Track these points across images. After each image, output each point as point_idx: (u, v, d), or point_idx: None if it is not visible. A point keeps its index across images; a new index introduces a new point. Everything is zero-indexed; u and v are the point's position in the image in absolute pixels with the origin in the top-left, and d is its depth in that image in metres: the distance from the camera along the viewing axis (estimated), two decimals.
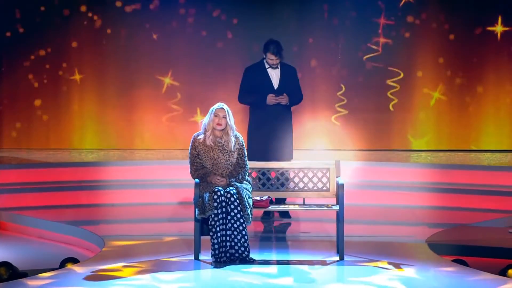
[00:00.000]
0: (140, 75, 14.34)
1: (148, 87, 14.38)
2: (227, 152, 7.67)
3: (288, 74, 9.41)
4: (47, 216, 9.78)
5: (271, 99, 9.29)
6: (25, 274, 7.19)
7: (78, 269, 7.20)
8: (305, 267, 7.33)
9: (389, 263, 7.44)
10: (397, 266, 7.36)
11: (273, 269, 7.26)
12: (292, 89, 9.40)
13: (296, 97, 9.48)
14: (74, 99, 14.40)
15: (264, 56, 9.40)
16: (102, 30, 14.31)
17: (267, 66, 9.40)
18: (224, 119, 7.65)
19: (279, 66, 9.38)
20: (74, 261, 7.58)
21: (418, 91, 14.40)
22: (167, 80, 14.33)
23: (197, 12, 14.28)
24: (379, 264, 7.44)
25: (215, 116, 7.66)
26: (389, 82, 14.36)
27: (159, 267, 7.29)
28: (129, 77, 14.35)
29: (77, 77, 14.32)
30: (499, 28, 14.19)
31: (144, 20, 14.27)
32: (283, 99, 9.32)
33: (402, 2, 14.24)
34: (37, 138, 14.37)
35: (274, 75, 9.39)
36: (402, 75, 14.35)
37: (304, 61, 14.12)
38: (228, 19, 14.28)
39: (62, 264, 7.52)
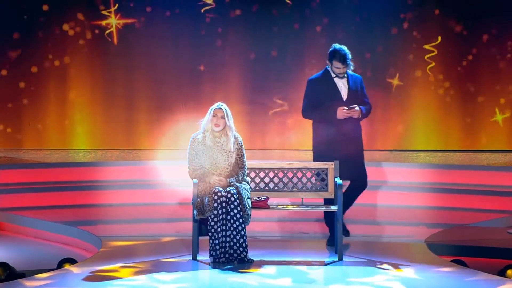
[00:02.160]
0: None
1: (147, 86, 14.38)
2: (226, 152, 7.68)
3: (355, 83, 8.43)
4: (45, 216, 9.78)
5: (342, 112, 8.24)
6: (22, 275, 7.19)
7: (75, 269, 7.20)
8: (303, 268, 7.34)
9: (388, 264, 7.45)
10: (396, 266, 7.37)
11: (271, 269, 7.26)
12: (362, 99, 8.44)
13: (366, 109, 8.47)
14: (72, 97, 14.40)
15: (329, 64, 8.38)
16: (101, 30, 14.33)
17: (333, 75, 8.38)
18: (223, 119, 7.65)
19: (346, 75, 8.38)
20: (72, 261, 7.58)
21: (418, 90, 14.41)
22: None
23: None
24: (378, 264, 7.45)
25: (213, 116, 7.67)
26: (388, 79, 14.37)
27: (157, 267, 7.30)
28: (127, 77, 14.37)
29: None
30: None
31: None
32: (355, 112, 8.30)
33: None
34: (34, 138, 14.36)
35: (342, 85, 8.37)
36: (397, 75, 14.35)
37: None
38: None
39: (60, 265, 7.53)
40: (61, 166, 11.80)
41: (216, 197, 7.40)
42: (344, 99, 8.31)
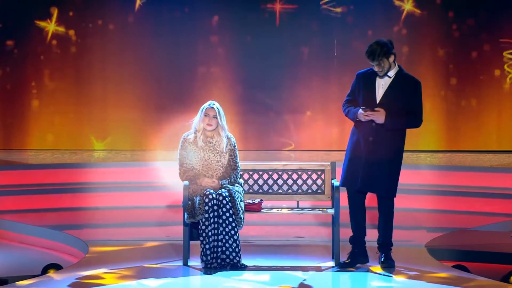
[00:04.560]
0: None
1: (137, 84, 14.38)
2: (218, 153, 7.66)
3: (401, 85, 7.47)
4: (28, 220, 9.76)
5: (361, 114, 7.45)
6: (5, 281, 7.17)
7: (61, 275, 7.19)
8: (299, 273, 7.33)
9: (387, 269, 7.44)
10: (396, 272, 7.36)
11: (265, 275, 7.26)
12: (403, 106, 7.45)
13: (404, 117, 7.45)
14: (54, 98, 14.38)
15: None
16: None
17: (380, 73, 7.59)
18: (215, 119, 7.64)
19: (392, 76, 7.50)
20: (57, 267, 7.57)
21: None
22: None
23: None
24: (376, 269, 7.44)
25: (205, 116, 7.65)
26: None
27: (146, 273, 7.28)
28: (113, 76, 14.38)
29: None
30: None
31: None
32: (377, 116, 7.39)
33: None
34: (17, 139, 14.35)
35: (381, 85, 7.53)
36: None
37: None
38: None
39: (44, 271, 7.51)
40: (45, 167, 11.78)
41: (207, 200, 7.38)
42: (378, 101, 7.47)
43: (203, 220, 7.39)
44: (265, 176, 7.97)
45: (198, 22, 14.39)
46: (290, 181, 7.98)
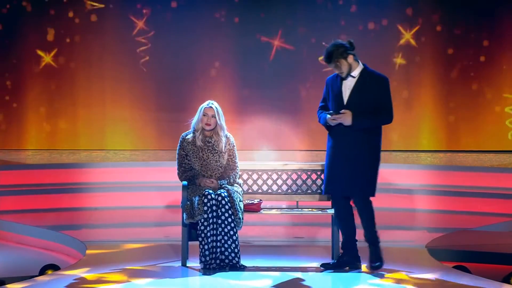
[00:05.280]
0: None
1: (134, 84, 14.39)
2: (217, 152, 7.67)
3: (367, 84, 7.37)
4: (26, 221, 9.76)
5: (328, 119, 7.38)
6: (2, 282, 7.17)
7: (59, 276, 7.19)
8: (298, 274, 7.33)
9: (387, 270, 7.45)
10: (396, 272, 7.37)
11: (265, 276, 7.26)
12: (371, 104, 7.34)
13: (372, 115, 7.34)
14: (52, 98, 14.39)
15: None
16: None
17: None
18: (214, 118, 7.64)
19: (356, 75, 7.40)
20: (55, 268, 7.57)
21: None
22: None
23: None
24: (377, 270, 7.44)
25: (204, 115, 7.65)
26: None
27: (144, 274, 7.28)
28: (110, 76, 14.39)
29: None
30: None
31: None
32: (343, 118, 7.31)
33: None
34: (15, 138, 14.35)
35: (348, 86, 7.43)
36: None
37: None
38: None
39: (42, 271, 7.51)
40: (43, 167, 11.78)
41: (206, 200, 7.39)
42: (345, 102, 7.38)
43: (202, 220, 7.39)
44: (265, 176, 7.97)
45: (199, 20, 14.41)
46: (289, 181, 7.99)
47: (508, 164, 12.27)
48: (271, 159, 12.43)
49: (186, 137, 7.72)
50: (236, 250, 7.40)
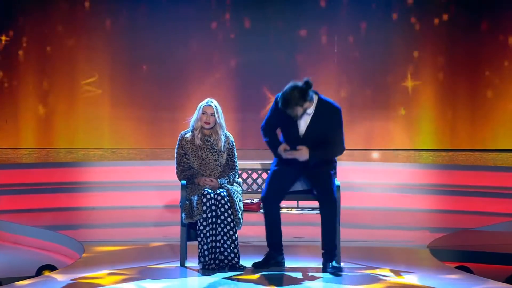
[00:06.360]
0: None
1: (131, 83, 14.40)
2: (216, 151, 7.67)
3: (323, 115, 7.37)
4: (23, 220, 9.76)
5: (282, 152, 7.42)
6: None
7: (55, 277, 7.19)
8: (298, 275, 7.34)
9: (388, 270, 7.46)
10: (397, 273, 7.38)
11: (264, 277, 7.26)
12: (326, 136, 7.37)
13: (327, 148, 7.38)
14: (49, 96, 14.39)
15: None
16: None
17: None
18: (213, 117, 7.64)
19: (312, 112, 7.37)
20: (52, 268, 7.57)
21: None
22: None
23: None
24: (378, 271, 7.45)
25: (203, 114, 7.65)
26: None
27: (143, 274, 7.29)
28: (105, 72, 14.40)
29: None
30: None
31: None
32: (299, 155, 7.35)
33: None
34: (11, 137, 14.35)
35: (304, 119, 7.41)
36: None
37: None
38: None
39: (39, 272, 7.52)
40: (40, 166, 11.78)
41: (205, 200, 7.39)
42: (302, 136, 7.39)
43: (201, 220, 7.39)
44: (264, 176, 7.97)
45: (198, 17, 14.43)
46: None
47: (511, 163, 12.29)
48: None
49: (185, 136, 7.73)
50: (235, 251, 7.40)
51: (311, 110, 7.39)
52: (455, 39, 14.37)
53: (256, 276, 7.26)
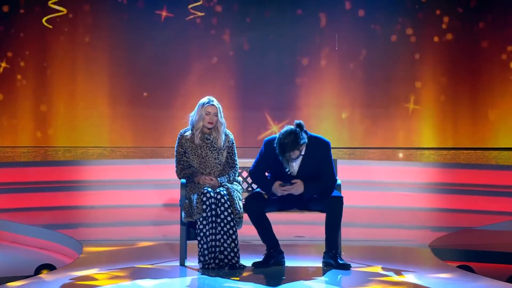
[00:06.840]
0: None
1: (130, 81, 14.40)
2: (216, 150, 7.66)
3: (314, 152, 7.48)
4: (21, 219, 9.76)
5: (278, 189, 7.50)
6: None
7: (54, 276, 7.19)
8: (299, 274, 7.33)
9: (389, 269, 7.45)
10: (398, 272, 7.37)
11: (264, 276, 7.26)
12: (318, 170, 7.49)
13: (319, 181, 7.49)
14: (47, 94, 14.40)
15: None
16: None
17: None
18: (216, 116, 7.62)
19: (304, 152, 7.49)
20: (50, 267, 7.57)
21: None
22: None
23: None
24: (378, 270, 7.45)
25: (207, 114, 7.61)
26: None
27: (142, 274, 7.28)
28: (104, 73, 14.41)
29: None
30: None
31: None
32: (295, 189, 7.47)
33: None
34: (9, 136, 14.37)
35: (294, 160, 7.49)
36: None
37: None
38: None
39: (37, 271, 7.51)
40: (39, 165, 11.78)
41: (205, 199, 7.38)
42: (295, 174, 7.51)
43: (201, 219, 7.39)
44: None
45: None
46: None
47: None
48: None
49: (185, 134, 7.71)
50: (235, 250, 7.39)
51: (303, 151, 7.47)
52: (456, 39, 14.37)
53: (256, 275, 7.26)
